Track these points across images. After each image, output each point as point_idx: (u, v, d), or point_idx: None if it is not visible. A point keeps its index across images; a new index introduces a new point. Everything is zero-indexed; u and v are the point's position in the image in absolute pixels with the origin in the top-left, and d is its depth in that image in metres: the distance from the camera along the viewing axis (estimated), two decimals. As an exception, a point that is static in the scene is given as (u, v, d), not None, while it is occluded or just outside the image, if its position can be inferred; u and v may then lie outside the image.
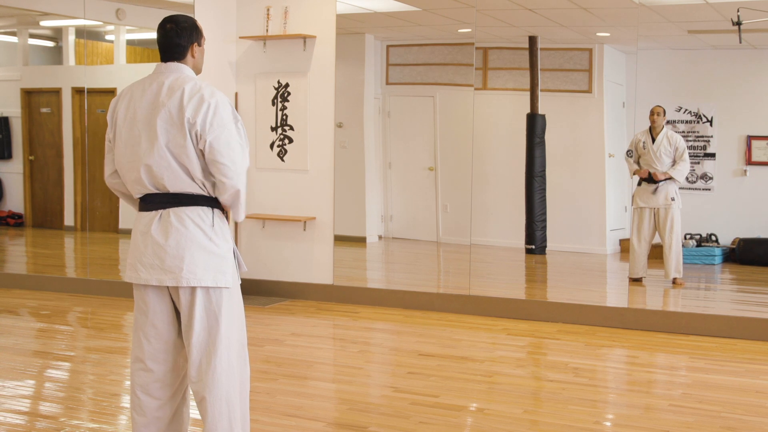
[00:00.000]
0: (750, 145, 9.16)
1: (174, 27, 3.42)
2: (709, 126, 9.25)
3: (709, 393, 5.12)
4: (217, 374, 3.38)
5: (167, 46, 3.42)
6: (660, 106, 8.06)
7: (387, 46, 9.27)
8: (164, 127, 3.29)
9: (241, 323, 3.51)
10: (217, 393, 3.39)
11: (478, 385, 5.24)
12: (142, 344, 3.47)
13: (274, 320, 7.08)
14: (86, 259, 9.01)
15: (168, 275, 3.34)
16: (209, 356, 3.38)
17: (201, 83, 3.36)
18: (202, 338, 3.38)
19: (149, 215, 3.40)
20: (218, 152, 3.28)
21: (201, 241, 3.35)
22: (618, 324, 6.85)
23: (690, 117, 9.29)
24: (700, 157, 9.27)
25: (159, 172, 3.32)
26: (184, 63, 3.44)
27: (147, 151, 3.32)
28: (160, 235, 3.35)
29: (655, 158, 7.97)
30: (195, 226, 3.35)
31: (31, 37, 9.87)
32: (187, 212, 3.36)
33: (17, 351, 6.02)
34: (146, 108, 3.34)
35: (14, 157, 9.71)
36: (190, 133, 3.28)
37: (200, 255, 3.34)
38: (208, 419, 3.40)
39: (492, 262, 9.01)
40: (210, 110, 3.29)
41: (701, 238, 9.19)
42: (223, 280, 3.38)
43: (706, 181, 9.28)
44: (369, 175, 9.06)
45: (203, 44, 3.51)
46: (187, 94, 3.29)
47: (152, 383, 3.47)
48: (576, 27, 8.81)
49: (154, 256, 3.35)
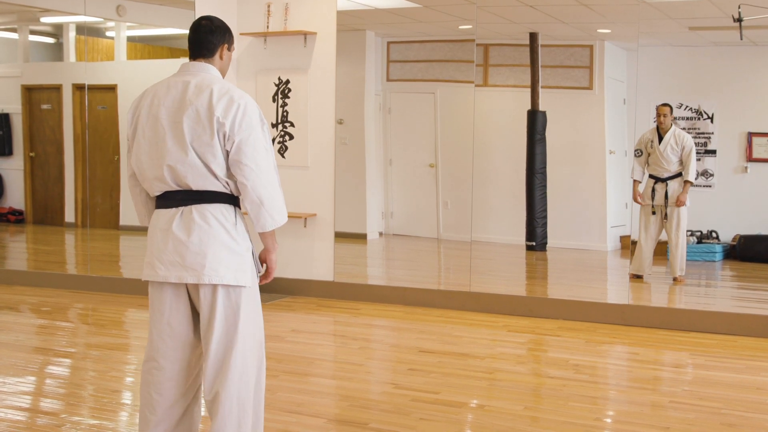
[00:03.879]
0: (751, 141, 9.16)
1: (209, 24, 3.43)
2: (710, 123, 9.25)
3: (709, 389, 5.13)
4: (231, 371, 3.37)
5: (198, 41, 3.42)
6: (667, 105, 8.02)
7: (387, 43, 9.27)
8: (191, 125, 3.27)
9: (259, 322, 3.50)
10: (230, 390, 3.37)
11: (478, 382, 5.24)
12: (156, 342, 3.46)
13: (275, 317, 7.08)
14: (87, 256, 9.01)
15: (189, 272, 3.31)
16: (226, 354, 3.37)
17: (229, 85, 3.35)
18: (222, 336, 3.36)
19: (169, 212, 3.37)
20: (244, 153, 3.26)
21: (223, 238, 3.33)
22: (618, 321, 6.86)
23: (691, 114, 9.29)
24: (701, 154, 9.26)
25: (183, 170, 3.29)
26: (211, 63, 3.43)
27: (172, 149, 3.29)
28: (182, 232, 3.32)
29: (662, 158, 7.96)
30: (218, 223, 3.33)
31: (31, 33, 9.87)
32: (210, 209, 3.34)
33: (18, 347, 6.02)
34: (172, 106, 3.32)
35: (15, 154, 9.71)
36: (218, 133, 3.26)
37: (222, 253, 3.32)
38: (218, 415, 3.39)
39: (493, 258, 9.01)
40: (240, 111, 3.27)
41: (702, 234, 9.19)
42: (243, 279, 3.37)
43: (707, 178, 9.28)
44: (369, 172, 9.06)
45: (233, 50, 3.52)
46: (216, 94, 3.28)
47: (165, 381, 3.46)
48: (577, 23, 8.80)
49: (175, 253, 3.32)
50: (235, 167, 3.29)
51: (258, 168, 3.28)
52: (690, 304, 7.67)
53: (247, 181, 3.28)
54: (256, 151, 3.29)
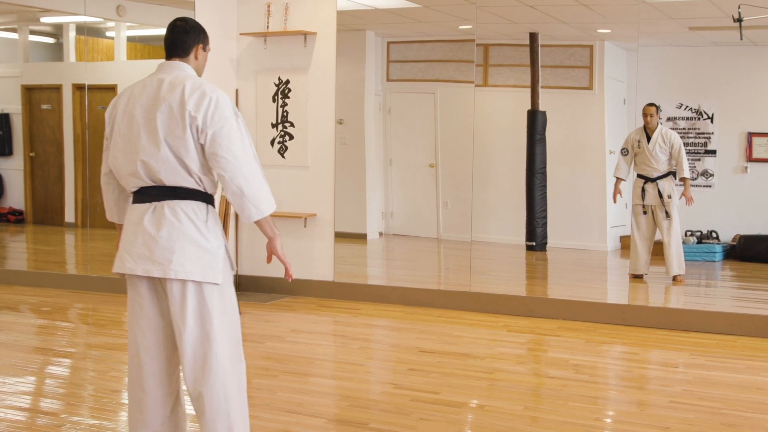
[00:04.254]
0: (751, 141, 9.16)
1: (183, 24, 3.50)
2: (710, 123, 9.25)
3: (709, 389, 5.13)
4: (213, 370, 3.37)
5: (173, 41, 3.49)
6: (652, 105, 8.01)
7: (387, 43, 9.27)
8: (164, 120, 3.31)
9: (234, 320, 3.50)
10: (215, 389, 3.38)
11: (478, 382, 5.24)
12: (138, 338, 3.48)
13: (275, 317, 7.08)
14: (87, 256, 9.01)
15: (156, 266, 3.33)
16: (204, 353, 3.38)
17: (202, 80, 3.41)
18: (195, 335, 3.37)
19: (143, 207, 3.40)
20: (219, 145, 3.29)
21: (193, 235, 3.36)
22: (618, 321, 6.86)
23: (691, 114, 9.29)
24: (701, 154, 9.27)
25: (156, 165, 3.33)
26: (186, 62, 3.49)
27: (145, 145, 3.33)
28: (152, 227, 3.35)
29: (651, 157, 7.97)
30: (188, 220, 3.36)
31: (31, 33, 9.87)
32: (182, 206, 3.36)
33: (18, 347, 6.02)
34: (146, 103, 3.37)
35: (15, 154, 9.71)
36: (191, 128, 3.30)
37: (191, 249, 3.34)
38: (206, 415, 3.39)
39: (492, 258, 9.01)
40: (212, 104, 3.32)
41: (702, 234, 9.19)
42: (212, 276, 3.37)
43: (707, 178, 9.28)
44: (369, 172, 9.07)
45: (208, 50, 3.57)
46: (188, 89, 3.33)
47: (149, 378, 3.47)
48: (577, 23, 8.81)
49: (144, 247, 3.35)
50: (212, 160, 3.31)
51: (235, 159, 3.30)
52: (690, 304, 7.67)
53: (225, 172, 3.30)
54: (231, 143, 3.31)
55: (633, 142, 8.03)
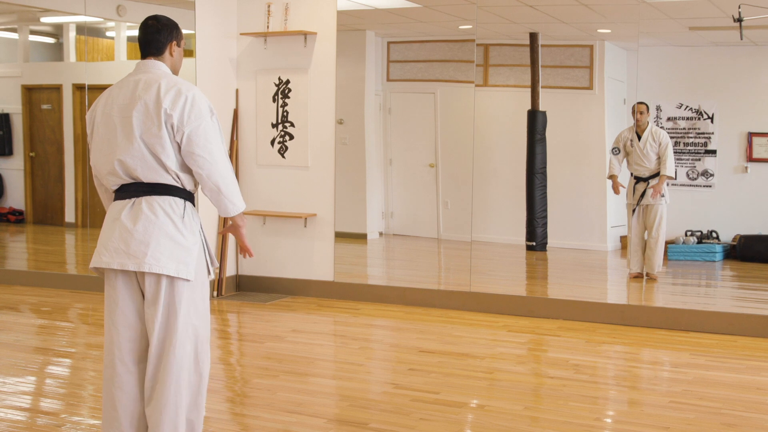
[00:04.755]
0: (751, 141, 9.15)
1: (155, 23, 3.56)
2: (710, 123, 9.24)
3: (709, 390, 5.13)
4: (169, 362, 3.42)
5: (147, 41, 3.55)
6: (643, 103, 8.02)
7: (388, 43, 9.26)
8: (139, 118, 3.37)
9: (204, 318, 3.53)
10: (169, 379, 3.43)
11: (478, 382, 5.24)
12: (112, 334, 3.51)
13: (275, 317, 7.08)
14: (87, 256, 9.01)
15: (131, 260, 3.37)
16: (166, 344, 3.43)
17: (177, 79, 3.47)
18: (162, 326, 3.42)
19: (122, 203, 3.46)
20: (195, 144, 3.35)
21: (169, 230, 3.40)
22: (618, 321, 6.86)
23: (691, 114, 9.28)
24: (701, 154, 9.26)
25: (133, 163, 3.38)
26: (161, 60, 3.54)
27: (122, 143, 3.39)
28: (129, 221, 3.40)
29: (642, 156, 7.97)
30: (165, 215, 3.40)
31: (31, 33, 9.87)
32: (159, 201, 3.41)
33: (18, 347, 6.02)
34: (122, 103, 3.42)
35: (15, 154, 9.71)
36: (167, 125, 3.35)
37: (166, 243, 3.38)
38: (157, 405, 3.44)
39: (493, 258, 9.00)
40: (188, 103, 3.37)
41: (702, 234, 9.18)
42: (185, 272, 3.41)
43: (707, 178, 9.27)
44: (370, 172, 9.06)
45: (182, 46, 3.62)
46: (163, 88, 3.38)
47: (124, 374, 3.51)
48: (577, 23, 8.80)
49: (120, 241, 3.39)
50: (188, 158, 3.37)
51: (212, 157, 3.37)
52: (690, 304, 7.67)
53: (202, 170, 3.37)
54: (207, 141, 3.37)
55: (625, 140, 8.05)
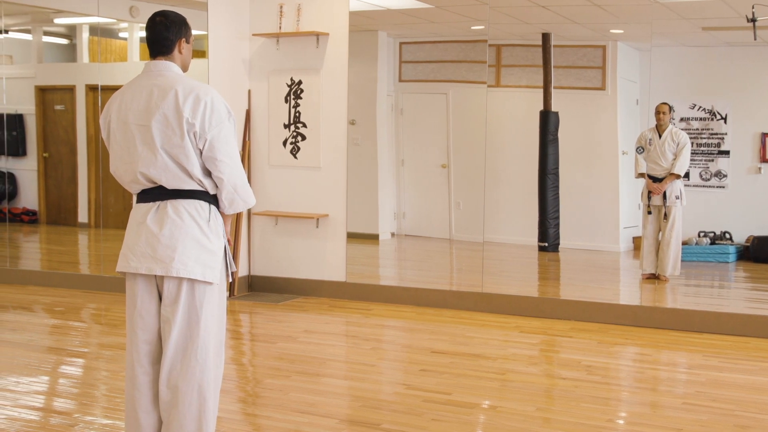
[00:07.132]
0: (764, 142, 9.11)
1: (163, 20, 3.46)
2: (724, 123, 9.21)
3: (722, 391, 5.11)
4: (192, 365, 3.41)
5: (155, 39, 3.46)
6: (665, 104, 8.01)
7: (400, 43, 9.27)
8: (160, 128, 3.33)
9: (221, 321, 3.54)
10: (192, 384, 3.42)
11: (490, 383, 5.24)
12: (131, 336, 3.51)
13: (287, 317, 7.09)
14: (100, 256, 9.04)
15: (158, 264, 3.36)
16: (187, 348, 3.41)
17: (192, 81, 3.40)
18: (182, 330, 3.41)
19: (146, 206, 3.44)
20: (218, 150, 3.35)
21: (195, 234, 3.39)
22: (631, 322, 6.84)
23: (704, 114, 9.25)
24: (715, 155, 9.23)
25: (156, 174, 3.36)
26: (171, 59, 3.47)
27: (143, 155, 3.36)
28: (155, 225, 3.39)
29: (660, 155, 7.96)
30: (191, 218, 3.39)
31: (45, 34, 9.91)
32: (185, 205, 3.40)
33: (31, 347, 6.05)
34: (139, 112, 3.37)
35: (28, 154, 9.75)
36: (189, 134, 3.32)
37: (193, 247, 3.38)
38: (179, 407, 3.42)
39: (505, 259, 8.99)
40: (207, 108, 3.34)
41: (715, 235, 9.15)
42: (210, 275, 3.41)
43: (720, 179, 9.24)
44: (382, 172, 9.07)
45: (191, 42, 3.54)
46: (181, 95, 3.33)
47: (140, 376, 3.49)
48: (589, 24, 8.79)
49: (147, 245, 3.38)
50: (210, 163, 3.37)
51: (231, 161, 3.40)
52: (703, 305, 7.64)
53: (223, 175, 3.38)
54: (228, 146, 3.39)
55: (646, 140, 8.03)
